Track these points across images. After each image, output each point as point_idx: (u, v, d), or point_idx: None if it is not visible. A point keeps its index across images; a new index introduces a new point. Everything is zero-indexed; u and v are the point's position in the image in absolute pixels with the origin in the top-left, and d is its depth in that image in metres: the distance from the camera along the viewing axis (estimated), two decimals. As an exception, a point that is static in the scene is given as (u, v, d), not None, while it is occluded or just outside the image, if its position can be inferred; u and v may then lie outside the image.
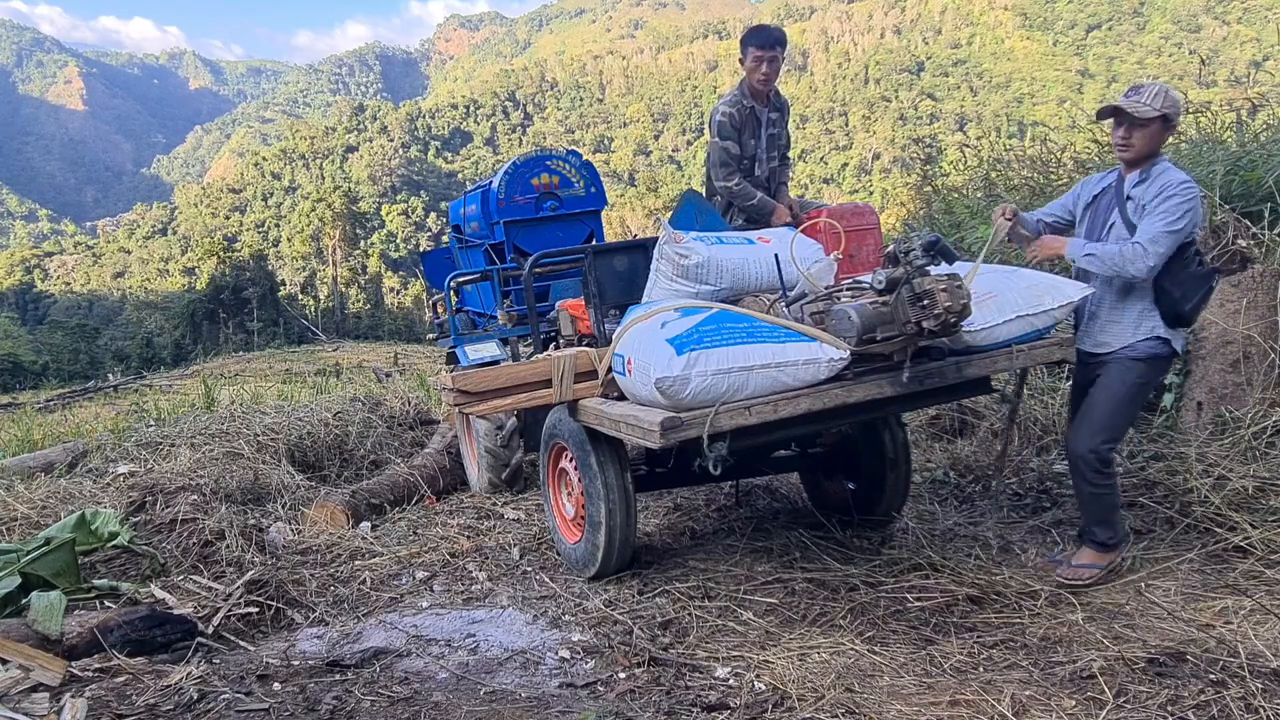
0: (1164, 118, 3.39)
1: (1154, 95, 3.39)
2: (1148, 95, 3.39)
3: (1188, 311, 3.47)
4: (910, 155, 23.14)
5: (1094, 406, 3.59)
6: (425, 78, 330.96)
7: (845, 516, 4.55)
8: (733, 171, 4.87)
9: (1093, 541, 3.65)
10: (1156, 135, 3.44)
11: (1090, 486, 3.59)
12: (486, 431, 5.86)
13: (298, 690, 3.17)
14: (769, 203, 4.89)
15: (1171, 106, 3.40)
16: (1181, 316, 3.48)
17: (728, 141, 4.86)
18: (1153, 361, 3.53)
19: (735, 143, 4.87)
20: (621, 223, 62.63)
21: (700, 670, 3.10)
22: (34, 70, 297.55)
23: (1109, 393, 3.55)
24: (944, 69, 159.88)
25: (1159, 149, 3.49)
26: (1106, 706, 2.59)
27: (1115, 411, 3.55)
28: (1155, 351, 3.51)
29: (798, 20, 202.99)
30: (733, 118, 4.87)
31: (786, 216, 4.83)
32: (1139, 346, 3.51)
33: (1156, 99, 3.38)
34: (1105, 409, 3.55)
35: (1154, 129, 3.41)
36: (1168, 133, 3.47)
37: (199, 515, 4.90)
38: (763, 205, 4.87)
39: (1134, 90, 3.46)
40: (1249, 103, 7.23)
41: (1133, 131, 3.43)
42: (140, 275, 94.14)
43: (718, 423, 3.18)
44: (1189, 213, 3.33)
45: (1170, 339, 3.51)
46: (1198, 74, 52.29)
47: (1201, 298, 3.48)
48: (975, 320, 3.38)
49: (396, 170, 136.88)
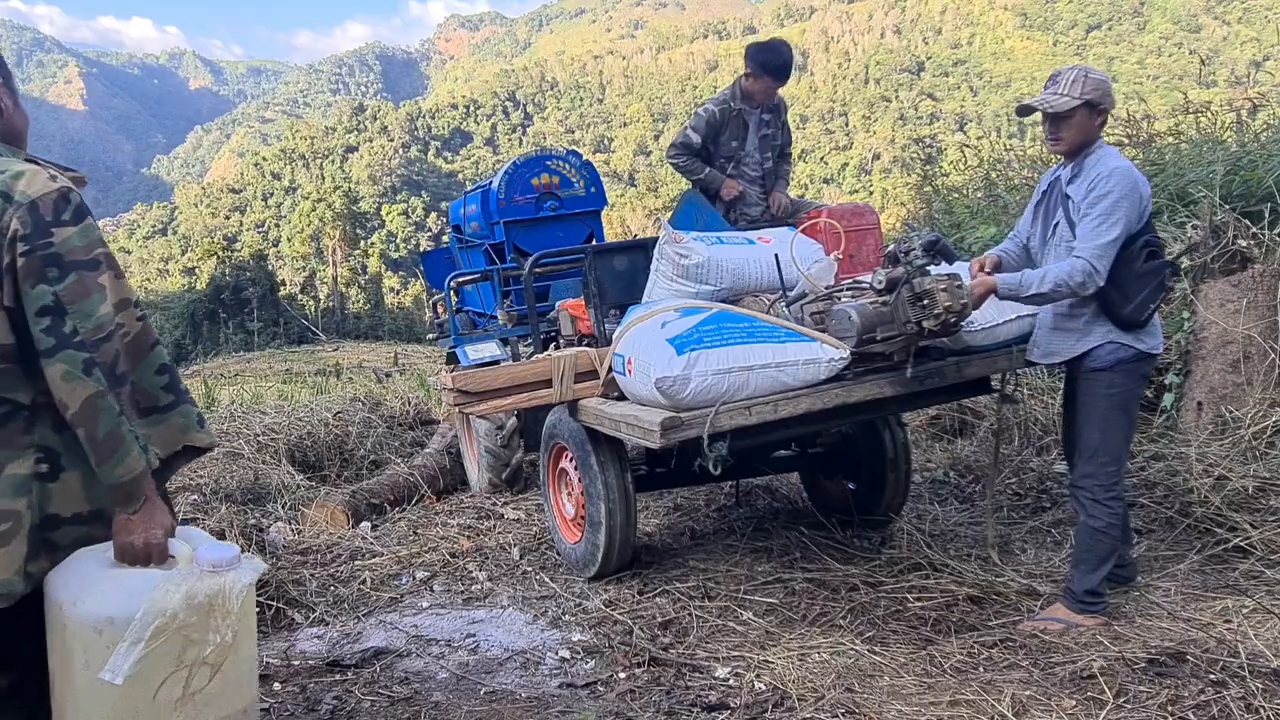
0: (1087, 104, 3.07)
1: (1071, 83, 3.09)
2: (1064, 84, 3.10)
3: (1131, 313, 3.08)
4: (910, 155, 23.20)
5: (1079, 432, 3.26)
6: (425, 78, 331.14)
7: (845, 516, 4.55)
8: (679, 153, 5.05)
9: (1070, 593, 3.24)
10: (1084, 123, 3.11)
11: (1088, 518, 3.20)
12: (486, 431, 5.86)
13: (298, 690, 3.17)
14: (717, 176, 5.03)
15: (1094, 90, 3.08)
16: (1126, 320, 3.09)
17: (694, 132, 5.02)
18: (1120, 368, 3.13)
19: (700, 136, 5.00)
20: (621, 223, 62.66)
21: (700, 670, 3.10)
22: (34, 70, 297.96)
23: (1086, 412, 3.22)
24: (944, 69, 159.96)
25: (1096, 136, 3.17)
26: (1106, 706, 2.59)
27: (1101, 431, 3.17)
28: (1119, 357, 3.12)
29: (798, 20, 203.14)
30: (714, 116, 4.98)
31: (735, 189, 4.99)
32: (1099, 355, 3.14)
33: (1074, 86, 3.08)
34: (1089, 430, 3.21)
35: (1079, 118, 3.10)
36: (1099, 117, 3.14)
37: (199, 515, 4.90)
38: (710, 179, 5.02)
39: (1052, 80, 3.18)
40: (1249, 103, 7.23)
41: (1059, 124, 3.13)
42: (140, 275, 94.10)
43: (718, 423, 3.18)
44: (1124, 207, 3.01)
45: (1130, 343, 3.12)
46: (1198, 74, 52.31)
47: (1150, 294, 3.10)
48: (975, 320, 3.38)
49: (396, 170, 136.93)
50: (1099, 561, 3.18)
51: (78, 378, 1.72)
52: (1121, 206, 3.01)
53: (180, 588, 1.70)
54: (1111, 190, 3.01)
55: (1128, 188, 3.03)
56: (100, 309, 1.77)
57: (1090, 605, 3.18)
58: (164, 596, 1.67)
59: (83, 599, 1.69)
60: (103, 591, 1.70)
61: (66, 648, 1.71)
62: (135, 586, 1.69)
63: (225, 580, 1.76)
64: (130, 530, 1.78)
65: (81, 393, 1.72)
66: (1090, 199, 3.06)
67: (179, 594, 1.69)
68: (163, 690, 1.70)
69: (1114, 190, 3.01)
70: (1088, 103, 3.08)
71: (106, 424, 1.74)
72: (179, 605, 1.68)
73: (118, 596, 1.69)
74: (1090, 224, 3.04)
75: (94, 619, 1.67)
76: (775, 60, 4.87)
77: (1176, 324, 5.13)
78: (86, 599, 1.69)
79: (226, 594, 1.75)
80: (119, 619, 1.66)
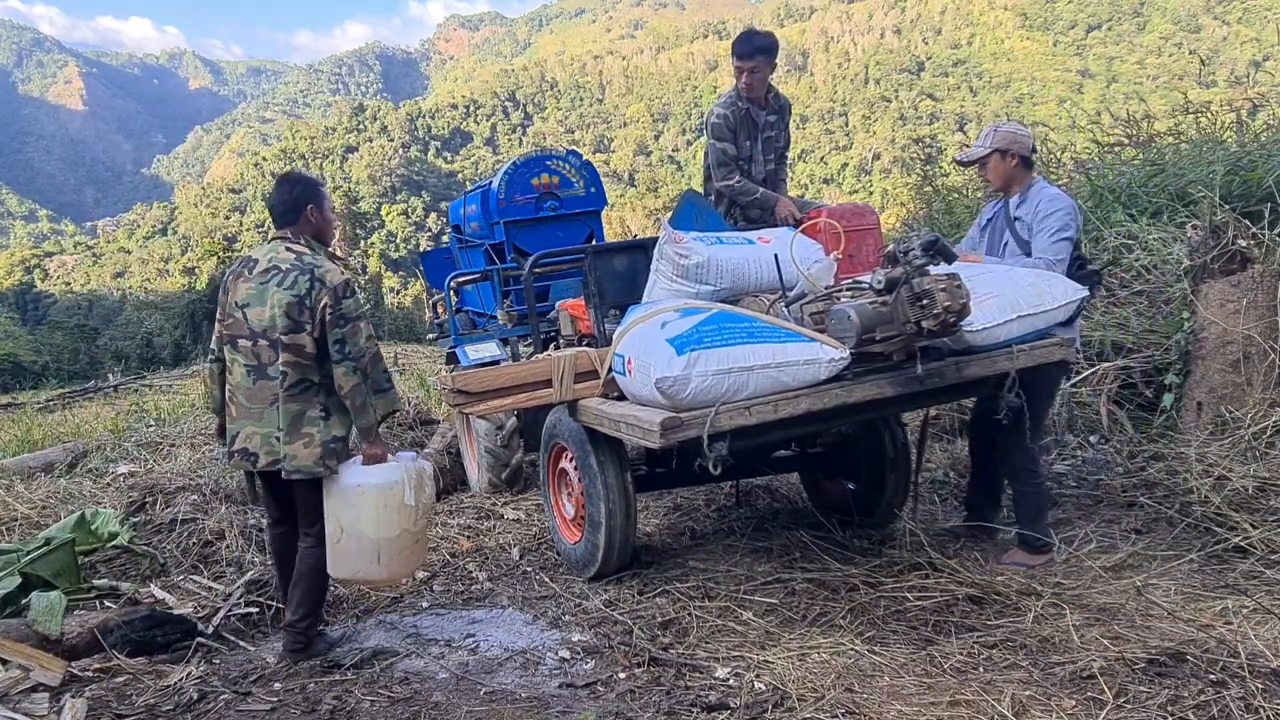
0: (998, 151, 3.89)
1: (983, 136, 3.95)
2: (979, 138, 3.97)
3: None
4: (910, 155, 23.17)
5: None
6: (425, 78, 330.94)
7: (845, 516, 4.55)
8: (731, 170, 4.90)
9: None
10: (1000, 166, 3.91)
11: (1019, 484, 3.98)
12: (486, 431, 5.86)
13: (298, 690, 3.17)
14: (771, 196, 4.90)
15: (1003, 140, 3.88)
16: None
17: (724, 143, 4.89)
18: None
19: (731, 144, 4.89)
20: (621, 223, 62.57)
21: (700, 670, 3.10)
22: (34, 70, 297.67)
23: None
24: (944, 69, 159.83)
25: (1020, 175, 3.93)
26: (1106, 706, 2.59)
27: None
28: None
29: (798, 20, 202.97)
30: (727, 119, 4.88)
31: (791, 206, 4.84)
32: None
33: (986, 139, 3.92)
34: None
35: (994, 162, 3.92)
36: (1011, 160, 3.90)
37: (199, 515, 4.91)
38: (765, 200, 4.89)
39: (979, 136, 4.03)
40: (1249, 103, 7.24)
41: (984, 168, 4.00)
42: (140, 275, 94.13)
43: (718, 423, 3.18)
44: (1069, 219, 3.78)
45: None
46: (1198, 74, 52.30)
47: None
48: (975, 320, 3.38)
49: (396, 170, 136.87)
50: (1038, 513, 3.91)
51: (350, 375, 3.40)
52: (1068, 219, 3.78)
53: (404, 467, 3.49)
54: (1057, 210, 3.80)
55: (1069, 206, 3.82)
56: (362, 342, 3.43)
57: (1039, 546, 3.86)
58: (400, 468, 3.47)
59: (355, 477, 3.45)
60: (362, 473, 3.45)
61: (346, 500, 3.44)
62: (375, 470, 3.44)
63: (421, 463, 3.63)
64: (371, 449, 3.45)
65: (351, 382, 3.40)
66: (1040, 216, 3.81)
67: (407, 468, 3.49)
68: (402, 511, 3.45)
69: (1059, 210, 3.80)
70: (997, 151, 3.90)
71: (360, 398, 3.42)
72: (411, 471, 3.49)
73: (367, 474, 3.44)
74: (1045, 236, 3.78)
75: (357, 485, 3.43)
76: (740, 43, 4.84)
77: (1176, 324, 5.12)
78: (356, 477, 3.45)
79: (424, 468, 3.61)
80: (366, 485, 3.41)
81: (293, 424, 3.41)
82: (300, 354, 3.39)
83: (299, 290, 3.37)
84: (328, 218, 3.66)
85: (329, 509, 3.45)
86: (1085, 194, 7.09)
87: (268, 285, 3.41)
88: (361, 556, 3.42)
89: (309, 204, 3.57)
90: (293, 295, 3.37)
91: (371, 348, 3.45)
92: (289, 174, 3.69)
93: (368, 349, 3.42)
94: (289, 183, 3.64)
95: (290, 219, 3.56)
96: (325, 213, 3.63)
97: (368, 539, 3.39)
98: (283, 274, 3.40)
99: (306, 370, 3.42)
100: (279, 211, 3.58)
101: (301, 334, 3.38)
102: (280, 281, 3.39)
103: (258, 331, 3.41)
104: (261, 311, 3.40)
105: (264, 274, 3.44)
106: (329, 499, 3.45)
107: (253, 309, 3.42)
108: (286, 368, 3.39)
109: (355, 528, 3.40)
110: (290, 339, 3.37)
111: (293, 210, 3.55)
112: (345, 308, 3.38)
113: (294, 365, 3.39)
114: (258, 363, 3.42)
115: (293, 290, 3.37)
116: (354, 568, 3.46)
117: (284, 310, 3.36)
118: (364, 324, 3.44)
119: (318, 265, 3.43)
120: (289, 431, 3.40)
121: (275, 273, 3.42)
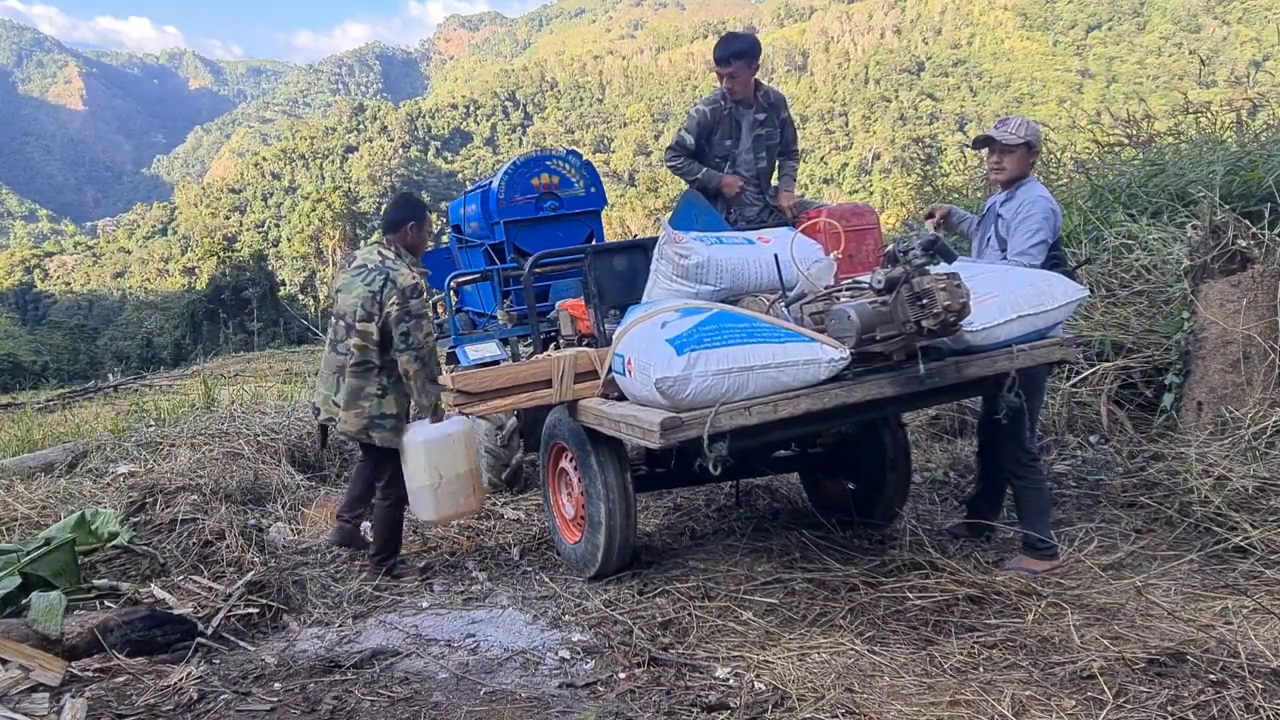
0: (1027, 144, 3.94)
1: (1018, 125, 3.97)
2: (1013, 125, 3.97)
3: None
4: (910, 155, 23.16)
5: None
6: (425, 78, 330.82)
7: (845, 516, 4.55)
8: (677, 155, 5.04)
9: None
10: (1022, 159, 3.96)
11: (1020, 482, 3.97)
12: (486, 431, 5.86)
13: (298, 690, 3.17)
14: (714, 175, 4.98)
15: (1032, 135, 3.96)
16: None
17: (687, 133, 5.01)
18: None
19: (693, 137, 4.98)
20: (621, 223, 62.58)
21: (700, 670, 3.10)
22: (34, 70, 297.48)
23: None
24: (944, 69, 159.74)
25: (1027, 171, 4.01)
26: (1106, 706, 2.59)
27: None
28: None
29: (798, 20, 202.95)
30: (704, 116, 4.95)
31: (737, 184, 4.93)
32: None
33: (1021, 128, 3.95)
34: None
35: (1019, 154, 3.95)
36: (1032, 156, 4.03)
37: (199, 515, 4.90)
38: (707, 179, 4.98)
39: (1002, 122, 4.02)
40: (1249, 103, 7.24)
41: (1003, 157, 3.96)
42: (140, 275, 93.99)
43: (718, 423, 3.18)
44: (1047, 221, 3.85)
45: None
46: (1198, 74, 52.28)
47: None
48: (975, 320, 3.38)
49: (396, 170, 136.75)
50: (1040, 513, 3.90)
51: (413, 362, 4.15)
52: (1046, 221, 3.85)
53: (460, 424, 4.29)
54: (1035, 213, 3.85)
55: (1049, 208, 3.88)
56: (423, 335, 4.17)
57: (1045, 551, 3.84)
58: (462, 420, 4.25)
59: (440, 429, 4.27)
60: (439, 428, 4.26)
61: (413, 455, 4.26)
62: (448, 424, 4.27)
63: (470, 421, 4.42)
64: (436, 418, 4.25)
65: (414, 368, 4.15)
66: (1019, 217, 3.89)
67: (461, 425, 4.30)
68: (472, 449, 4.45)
69: (1037, 213, 3.85)
70: (1027, 143, 3.95)
71: (422, 382, 4.17)
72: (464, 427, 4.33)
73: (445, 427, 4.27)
74: (1020, 236, 3.87)
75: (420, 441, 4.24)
76: (719, 49, 4.88)
77: (1176, 324, 5.12)
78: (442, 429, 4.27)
79: (476, 424, 4.94)
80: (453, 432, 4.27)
81: (351, 396, 4.23)
82: (366, 338, 4.19)
83: (374, 286, 4.19)
84: (423, 235, 4.55)
85: (424, 466, 4.20)
86: (1085, 194, 7.09)
87: (356, 279, 4.26)
88: (461, 492, 4.29)
89: (410, 221, 4.45)
90: (369, 290, 4.19)
91: (431, 342, 4.22)
92: (404, 195, 4.78)
93: (427, 342, 4.20)
94: (401, 201, 4.65)
95: (393, 230, 4.43)
96: (422, 231, 4.52)
97: (463, 474, 4.28)
98: (368, 272, 4.26)
99: (369, 353, 4.21)
100: (387, 222, 4.50)
101: (370, 322, 4.18)
102: (364, 278, 4.24)
103: (341, 314, 4.28)
104: (347, 298, 4.26)
105: (356, 269, 4.32)
106: (422, 457, 4.21)
107: (343, 295, 4.30)
108: (354, 348, 4.20)
109: (452, 469, 4.24)
110: (361, 325, 4.18)
111: (397, 224, 4.43)
112: (412, 306, 4.15)
113: (360, 347, 4.20)
114: (335, 338, 4.34)
115: (370, 286, 4.20)
116: (455, 505, 4.33)
117: (361, 301, 4.20)
118: (426, 321, 4.20)
119: (394, 269, 4.22)
120: (347, 402, 4.23)
121: (363, 270, 4.29)
